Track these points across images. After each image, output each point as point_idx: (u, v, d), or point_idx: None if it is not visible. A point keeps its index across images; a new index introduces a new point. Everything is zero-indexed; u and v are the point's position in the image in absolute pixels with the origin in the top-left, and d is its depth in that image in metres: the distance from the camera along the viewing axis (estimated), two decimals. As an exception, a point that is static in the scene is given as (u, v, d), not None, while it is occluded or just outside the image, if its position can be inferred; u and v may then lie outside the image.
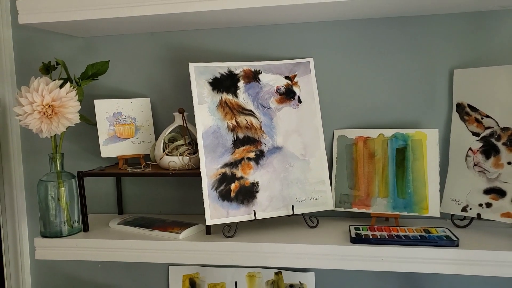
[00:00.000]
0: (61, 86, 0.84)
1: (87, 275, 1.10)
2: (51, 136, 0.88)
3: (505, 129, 0.82)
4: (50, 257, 0.90)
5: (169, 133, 0.93)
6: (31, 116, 0.82)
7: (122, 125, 0.96)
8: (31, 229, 1.11)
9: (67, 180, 0.91)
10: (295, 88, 0.91)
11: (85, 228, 0.93)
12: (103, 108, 0.95)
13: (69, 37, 1.04)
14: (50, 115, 0.83)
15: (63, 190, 0.90)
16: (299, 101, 0.91)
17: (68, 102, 0.84)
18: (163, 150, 0.92)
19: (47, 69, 0.92)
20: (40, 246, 0.90)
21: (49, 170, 0.91)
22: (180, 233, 0.86)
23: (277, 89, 0.90)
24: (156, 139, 0.98)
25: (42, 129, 0.83)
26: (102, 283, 1.09)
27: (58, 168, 0.91)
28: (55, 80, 0.85)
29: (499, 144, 0.82)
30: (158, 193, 1.05)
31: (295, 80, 0.91)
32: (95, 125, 0.95)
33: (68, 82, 0.86)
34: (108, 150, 0.95)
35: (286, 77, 0.91)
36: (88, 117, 0.96)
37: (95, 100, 0.95)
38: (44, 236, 0.90)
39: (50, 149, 0.92)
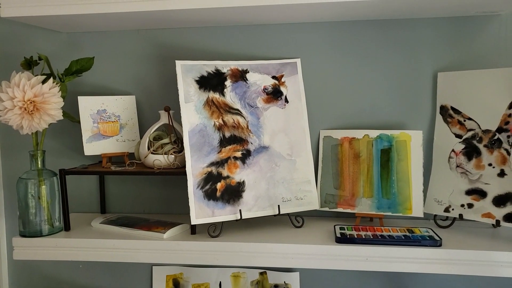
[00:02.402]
0: (43, 82, 0.82)
1: (67, 276, 1.07)
2: (32, 133, 0.86)
3: (486, 131, 0.83)
4: (29, 257, 0.87)
5: (154, 131, 0.92)
6: (11, 112, 0.80)
7: (106, 123, 0.95)
8: (9, 228, 1.08)
9: (48, 178, 0.89)
10: (282, 88, 0.91)
11: (66, 227, 0.91)
12: (87, 105, 0.94)
13: (52, 32, 1.01)
14: (31, 111, 0.81)
15: (44, 188, 0.88)
16: (286, 101, 0.91)
17: (51, 98, 0.82)
18: (148, 149, 0.90)
19: (29, 64, 0.90)
20: (19, 245, 0.87)
21: (30, 168, 0.89)
22: (164, 233, 0.85)
23: (264, 89, 0.90)
24: (141, 137, 0.96)
25: (23, 125, 0.81)
26: (83, 284, 1.07)
27: (39, 166, 0.88)
28: (37, 75, 0.83)
29: (480, 146, 0.84)
30: (143, 192, 1.03)
31: (282, 80, 0.91)
32: (79, 122, 0.94)
33: (51, 78, 0.84)
34: (92, 147, 0.93)
35: (273, 77, 0.91)
36: (71, 114, 0.94)
37: (79, 97, 0.94)
38: (23, 235, 0.88)
39: (31, 145, 0.90)
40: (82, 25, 0.94)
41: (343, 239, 0.80)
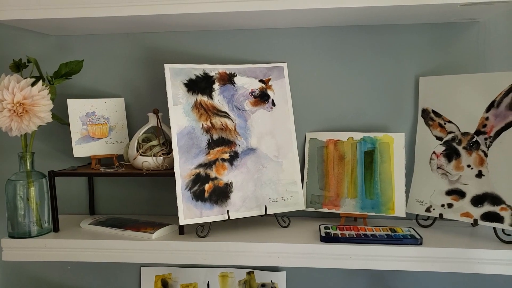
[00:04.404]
0: (33, 84, 0.83)
1: (56, 278, 1.07)
2: (21, 135, 0.86)
3: (465, 134, 0.86)
4: (18, 258, 0.88)
5: (143, 133, 0.94)
6: (0, 114, 0.81)
7: (96, 125, 0.96)
8: (-3, 230, 1.08)
9: (37, 180, 0.89)
10: (269, 92, 0.93)
11: (55, 228, 0.91)
12: (76, 108, 0.95)
13: (41, 35, 1.02)
14: (20, 113, 0.82)
15: (33, 190, 0.88)
16: (273, 104, 0.93)
17: (40, 100, 0.83)
18: (137, 151, 0.92)
19: (17, 67, 0.90)
20: (8, 247, 0.88)
21: (19, 169, 0.89)
22: (153, 233, 0.86)
23: (252, 92, 0.92)
24: (130, 139, 0.97)
25: (12, 127, 0.82)
26: (72, 286, 1.07)
27: (28, 168, 0.89)
28: (26, 78, 0.84)
29: (460, 148, 0.87)
30: (131, 193, 1.04)
31: (269, 83, 0.94)
32: (68, 124, 0.94)
33: (40, 80, 0.85)
34: (81, 149, 0.94)
35: (261, 81, 0.93)
36: (60, 116, 0.95)
37: (68, 99, 0.94)
38: (12, 236, 0.88)
39: (20, 147, 0.90)
40: (71, 28, 0.95)
41: (328, 238, 0.82)
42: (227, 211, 0.86)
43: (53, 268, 1.07)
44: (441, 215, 0.87)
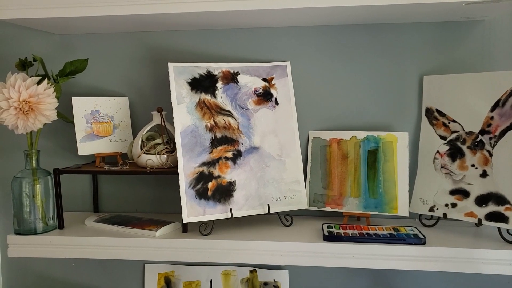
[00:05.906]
0: (38, 83, 0.84)
1: (60, 274, 1.08)
2: (27, 133, 0.87)
3: (469, 133, 0.86)
4: (24, 255, 0.89)
5: (147, 131, 0.94)
6: (7, 112, 0.82)
7: (100, 123, 0.96)
8: (2, 226, 1.09)
9: (42, 177, 0.90)
10: (272, 90, 0.93)
11: (60, 225, 0.92)
12: (81, 106, 0.95)
13: (46, 34, 1.03)
14: (26, 111, 0.82)
15: (38, 187, 0.89)
16: (276, 103, 0.93)
17: (46, 99, 0.84)
18: (141, 149, 0.92)
19: (23, 65, 0.91)
20: (13, 243, 0.89)
21: (24, 167, 0.90)
22: (156, 231, 0.87)
23: (255, 91, 0.92)
24: (134, 137, 0.98)
25: (18, 125, 0.83)
26: (76, 282, 1.08)
27: (34, 165, 0.90)
28: (32, 76, 0.85)
29: (464, 148, 0.86)
30: (135, 191, 1.05)
31: (273, 82, 0.94)
32: (73, 122, 0.95)
33: (46, 79, 0.86)
34: (85, 147, 0.95)
35: (264, 79, 0.93)
36: (65, 115, 0.96)
37: (73, 98, 0.95)
38: (18, 233, 0.89)
39: (26, 145, 0.91)
40: (75, 27, 0.96)
41: (330, 237, 0.82)
42: (230, 209, 0.86)
43: (58, 265, 1.08)
44: (444, 214, 0.87)
